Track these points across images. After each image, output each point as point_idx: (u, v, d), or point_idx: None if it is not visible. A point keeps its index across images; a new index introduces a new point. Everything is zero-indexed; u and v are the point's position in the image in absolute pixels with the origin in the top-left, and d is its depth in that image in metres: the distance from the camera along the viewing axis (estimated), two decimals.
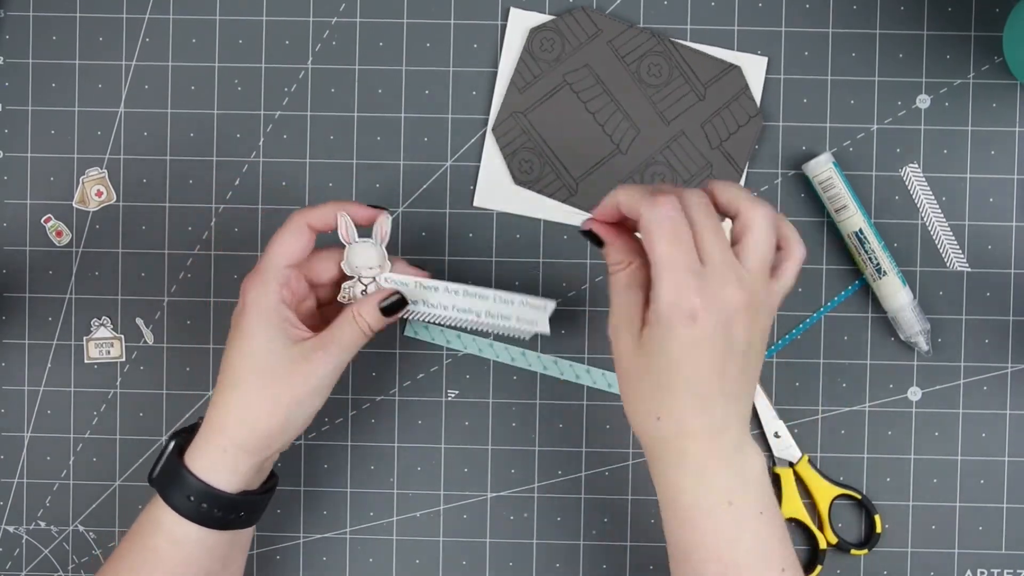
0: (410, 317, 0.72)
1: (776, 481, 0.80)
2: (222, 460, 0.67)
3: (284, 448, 0.70)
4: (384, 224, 0.70)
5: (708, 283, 0.62)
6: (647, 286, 0.64)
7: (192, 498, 0.67)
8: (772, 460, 0.80)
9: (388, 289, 0.70)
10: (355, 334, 0.69)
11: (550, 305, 0.71)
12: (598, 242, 0.67)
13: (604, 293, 0.79)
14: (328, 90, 0.80)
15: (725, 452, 0.64)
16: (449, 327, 0.73)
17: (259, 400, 0.67)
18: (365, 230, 0.71)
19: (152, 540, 0.68)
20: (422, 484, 0.81)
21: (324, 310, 0.74)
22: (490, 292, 0.71)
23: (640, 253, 0.65)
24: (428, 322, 0.72)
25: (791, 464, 0.80)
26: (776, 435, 0.80)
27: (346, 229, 0.70)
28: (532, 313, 0.71)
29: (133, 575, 0.68)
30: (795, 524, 0.80)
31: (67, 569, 0.81)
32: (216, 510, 0.67)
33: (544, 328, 0.71)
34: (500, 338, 0.80)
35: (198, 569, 0.68)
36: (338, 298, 0.71)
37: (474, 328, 0.73)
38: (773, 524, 0.65)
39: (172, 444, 0.69)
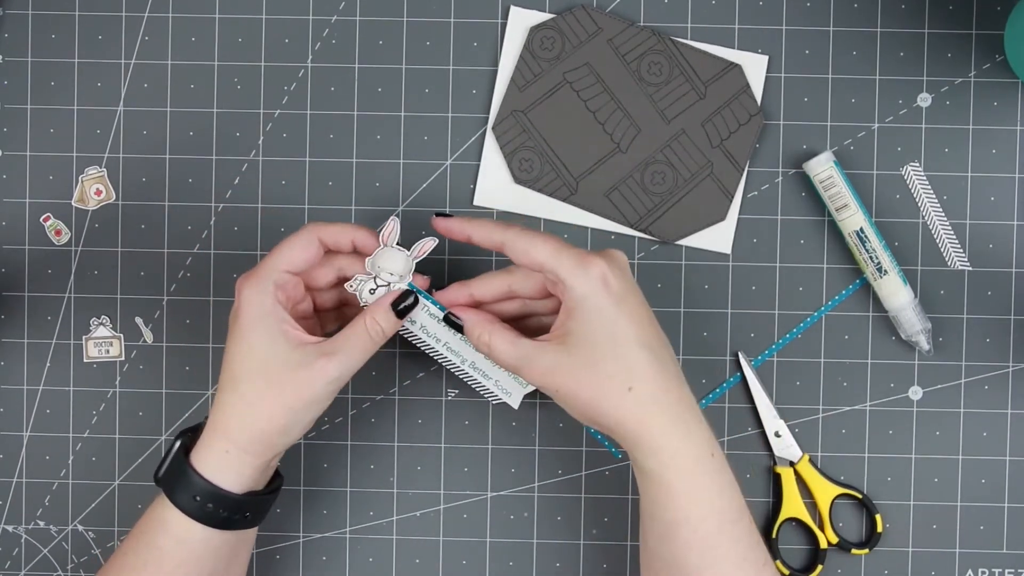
0: (404, 334, 0.72)
1: (777, 480, 0.80)
2: (226, 461, 0.67)
3: (287, 448, 0.70)
4: (427, 245, 0.71)
5: (591, 252, 0.67)
6: (508, 329, 0.68)
7: (198, 498, 0.67)
8: (773, 459, 0.80)
9: (399, 290, 0.70)
10: (364, 343, 0.69)
11: (529, 388, 0.74)
12: (458, 326, 0.70)
13: None
14: (328, 89, 0.80)
15: (690, 401, 0.67)
16: (430, 356, 0.73)
17: (260, 402, 0.67)
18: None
19: (157, 539, 0.68)
20: (422, 483, 0.81)
21: (321, 316, 0.74)
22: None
23: (491, 320, 0.69)
24: (415, 345, 0.72)
25: (792, 463, 0.80)
26: (777, 434, 0.80)
27: (389, 233, 0.71)
28: (512, 385, 0.74)
29: (137, 574, 0.68)
30: (796, 523, 0.80)
31: (66, 569, 0.81)
32: (222, 510, 0.67)
33: (516, 402, 0.74)
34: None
35: (203, 568, 0.68)
36: (345, 285, 0.71)
37: (452, 369, 0.74)
38: (731, 471, 0.68)
39: (179, 444, 0.69)
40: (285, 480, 0.80)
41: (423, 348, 0.73)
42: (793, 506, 0.79)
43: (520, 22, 0.80)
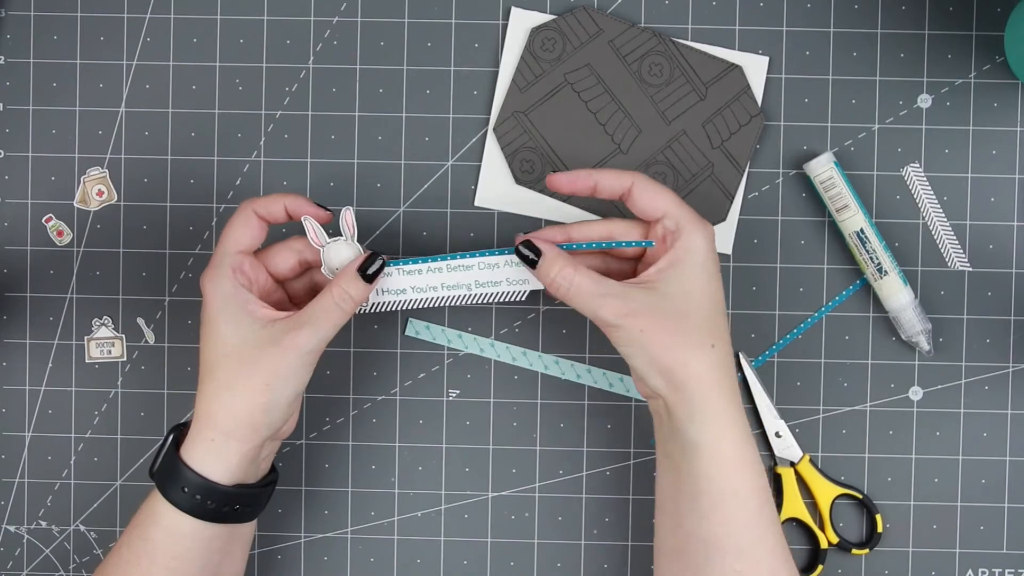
0: (402, 307, 0.71)
1: (777, 481, 0.80)
2: (212, 450, 0.67)
3: (273, 437, 0.69)
4: (349, 218, 0.70)
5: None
6: (583, 269, 0.68)
7: (186, 489, 0.67)
8: (773, 460, 0.80)
9: (363, 255, 0.69)
10: (332, 313, 0.68)
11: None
12: (532, 259, 0.69)
13: None
14: (329, 89, 0.80)
15: (736, 381, 0.69)
16: (432, 307, 0.72)
17: (237, 384, 0.67)
18: (326, 227, 0.70)
19: (149, 532, 0.68)
20: (423, 484, 0.81)
21: (299, 306, 0.74)
22: (473, 260, 0.71)
23: (567, 258, 0.68)
24: (422, 307, 0.71)
25: (792, 464, 0.80)
26: (777, 435, 0.80)
27: (315, 232, 0.70)
28: (521, 272, 0.71)
29: (131, 567, 0.68)
30: (796, 524, 0.80)
31: (68, 569, 0.81)
32: (210, 502, 0.67)
33: (537, 284, 0.71)
34: (507, 336, 0.80)
35: (195, 562, 0.68)
36: None
37: (458, 303, 0.72)
38: None
39: (171, 437, 0.69)
40: (287, 480, 0.80)
41: (427, 304, 0.71)
42: (794, 506, 0.80)
43: (521, 23, 0.80)
